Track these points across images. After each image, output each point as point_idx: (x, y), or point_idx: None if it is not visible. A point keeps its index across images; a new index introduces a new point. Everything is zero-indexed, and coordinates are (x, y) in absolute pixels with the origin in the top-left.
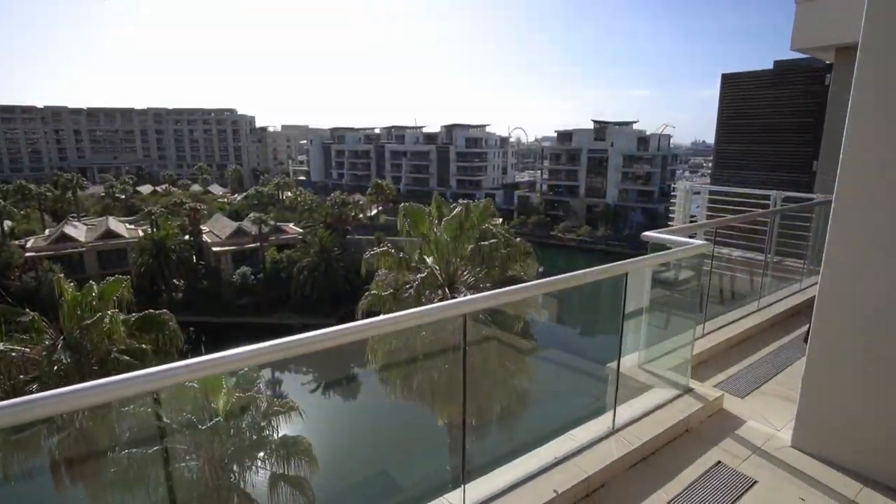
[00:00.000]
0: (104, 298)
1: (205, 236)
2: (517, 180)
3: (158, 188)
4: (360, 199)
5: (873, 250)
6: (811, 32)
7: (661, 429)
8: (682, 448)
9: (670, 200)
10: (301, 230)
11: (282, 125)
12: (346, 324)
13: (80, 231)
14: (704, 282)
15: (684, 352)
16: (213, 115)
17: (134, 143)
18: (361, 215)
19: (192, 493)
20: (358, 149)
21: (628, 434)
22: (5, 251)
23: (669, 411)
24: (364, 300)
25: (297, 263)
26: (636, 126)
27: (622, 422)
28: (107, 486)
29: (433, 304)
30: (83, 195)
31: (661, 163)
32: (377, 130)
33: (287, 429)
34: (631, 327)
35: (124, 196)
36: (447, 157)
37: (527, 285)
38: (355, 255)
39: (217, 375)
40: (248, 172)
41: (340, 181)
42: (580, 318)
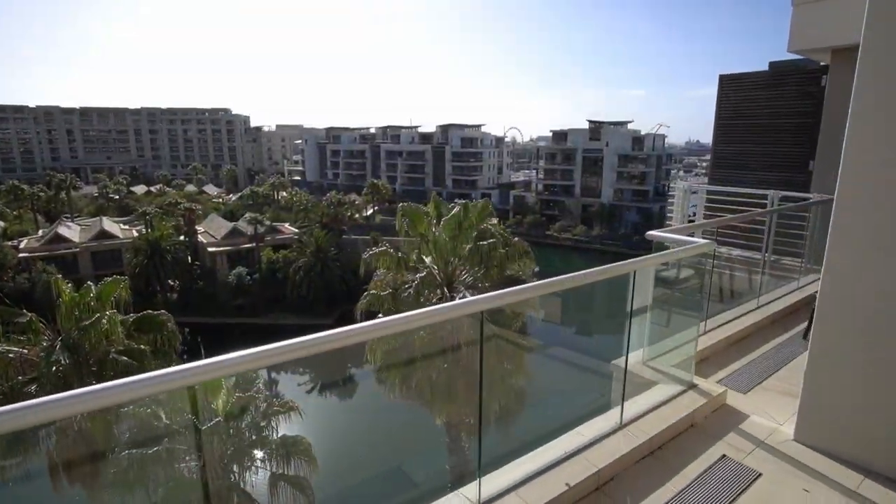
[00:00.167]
0: (102, 299)
1: (200, 237)
2: (513, 180)
3: (153, 188)
4: (356, 199)
5: (873, 250)
6: (808, 34)
7: (667, 424)
8: (687, 442)
9: (667, 200)
10: (297, 230)
11: (276, 125)
12: (358, 324)
13: (74, 232)
14: (706, 280)
15: (688, 348)
16: (208, 115)
17: (127, 143)
18: (357, 215)
19: (193, 493)
20: (353, 148)
21: (635, 429)
22: None
23: (674, 407)
24: (363, 300)
25: (293, 264)
26: (631, 126)
27: (629, 417)
28: (107, 487)
29: (451, 303)
30: (77, 195)
31: (656, 162)
32: (372, 130)
33: (286, 429)
34: (635, 325)
35: (118, 196)
36: (443, 157)
37: (541, 283)
38: (351, 256)
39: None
40: (243, 172)
41: (336, 181)
42: (579, 317)
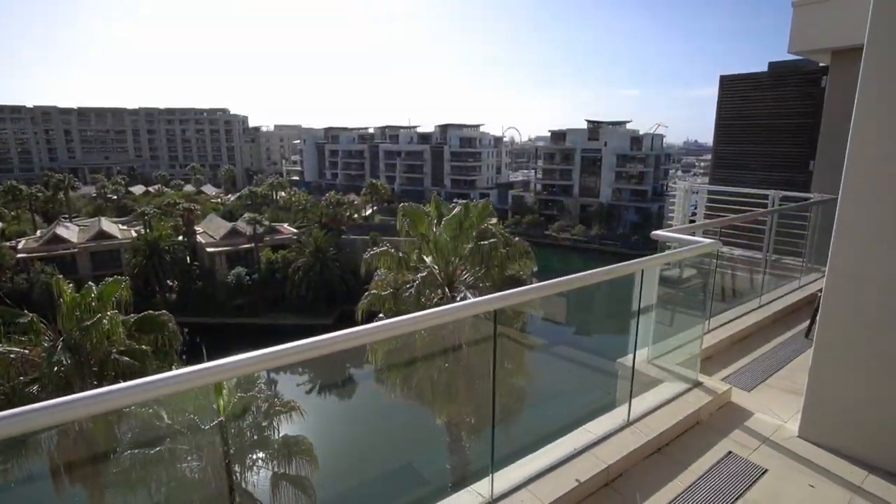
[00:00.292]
0: (103, 299)
1: (199, 237)
2: (511, 180)
3: (151, 188)
4: (355, 199)
5: (876, 244)
6: (808, 35)
7: (674, 421)
8: (693, 439)
9: (665, 199)
10: (296, 230)
11: (275, 125)
12: (367, 324)
13: (73, 232)
14: (709, 280)
15: (693, 347)
16: (206, 115)
17: (125, 143)
18: (356, 215)
19: (195, 492)
20: (352, 149)
21: (643, 426)
22: None
23: (680, 404)
24: (364, 300)
25: (292, 264)
26: (629, 126)
27: (636, 414)
28: (109, 487)
29: (463, 302)
30: (75, 196)
31: (655, 162)
32: (371, 130)
33: (287, 429)
34: (640, 324)
35: (116, 197)
36: (441, 157)
37: (550, 282)
38: (351, 255)
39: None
40: (242, 173)
41: (334, 181)
42: (580, 316)
